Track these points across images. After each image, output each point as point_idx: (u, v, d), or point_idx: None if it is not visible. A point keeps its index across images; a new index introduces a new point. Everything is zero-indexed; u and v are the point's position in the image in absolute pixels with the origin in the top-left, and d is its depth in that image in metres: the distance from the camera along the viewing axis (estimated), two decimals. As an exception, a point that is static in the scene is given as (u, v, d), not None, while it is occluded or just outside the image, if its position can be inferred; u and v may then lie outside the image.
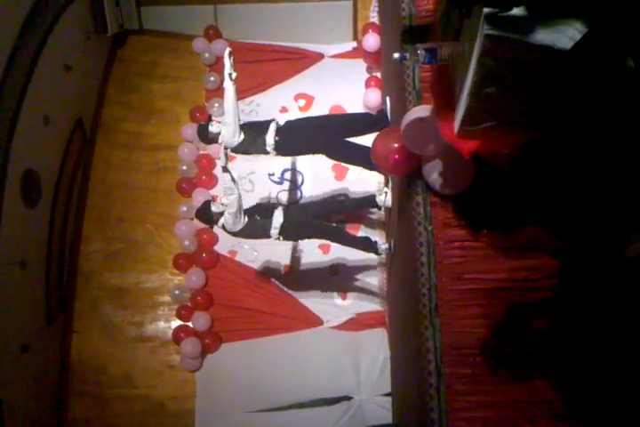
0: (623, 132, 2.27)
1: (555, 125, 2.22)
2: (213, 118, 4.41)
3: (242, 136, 4.20)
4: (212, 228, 4.61)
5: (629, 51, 1.81)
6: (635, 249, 2.59)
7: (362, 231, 5.33)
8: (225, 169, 4.01)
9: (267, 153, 4.30)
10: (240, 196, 4.08)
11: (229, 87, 4.01)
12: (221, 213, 4.21)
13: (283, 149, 4.30)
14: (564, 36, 1.68)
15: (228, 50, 3.97)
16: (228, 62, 3.94)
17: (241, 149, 4.30)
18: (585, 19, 1.65)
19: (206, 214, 4.31)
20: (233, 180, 4.02)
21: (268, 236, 4.32)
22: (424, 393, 2.92)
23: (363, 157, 4.07)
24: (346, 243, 4.66)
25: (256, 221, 4.27)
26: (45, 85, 4.92)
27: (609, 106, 2.08)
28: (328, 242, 4.96)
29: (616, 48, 1.78)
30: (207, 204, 4.35)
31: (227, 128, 4.15)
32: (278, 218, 4.29)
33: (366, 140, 4.17)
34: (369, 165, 4.21)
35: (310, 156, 4.66)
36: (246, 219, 4.21)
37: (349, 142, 4.47)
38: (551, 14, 1.67)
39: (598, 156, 2.62)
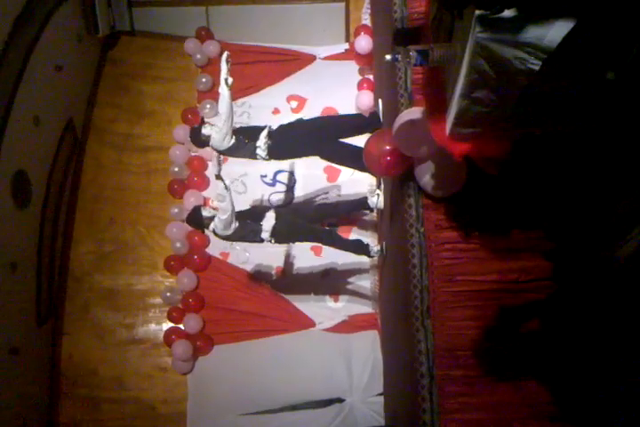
0: (611, 135, 2.29)
1: (545, 128, 2.23)
2: (206, 121, 4.40)
3: (232, 140, 4.20)
4: (202, 232, 4.61)
5: (610, 64, 1.83)
6: (625, 251, 2.59)
7: (354, 233, 5.33)
8: (218, 177, 4.01)
9: (255, 158, 4.31)
10: (232, 203, 4.08)
11: (225, 93, 4.00)
12: (212, 218, 4.20)
13: (276, 152, 4.30)
14: (555, 36, 1.68)
15: (225, 54, 3.96)
16: (224, 67, 3.93)
17: (229, 152, 4.32)
18: (574, 21, 1.66)
19: (197, 219, 4.31)
20: (226, 187, 4.01)
21: (259, 239, 4.32)
22: (416, 395, 2.92)
23: (355, 159, 4.07)
24: (338, 246, 4.66)
25: (247, 224, 4.26)
26: (36, 86, 4.88)
27: (598, 110, 2.10)
28: (320, 244, 4.96)
29: (602, 53, 1.79)
30: (197, 209, 4.34)
31: (218, 131, 4.15)
32: (270, 221, 4.28)
33: (358, 141, 4.17)
34: (361, 167, 4.22)
35: (304, 158, 4.66)
36: (237, 223, 4.21)
37: (342, 143, 4.47)
38: (542, 15, 1.68)
39: (588, 158, 2.63)
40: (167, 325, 5.47)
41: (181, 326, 5.39)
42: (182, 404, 5.24)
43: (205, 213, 4.24)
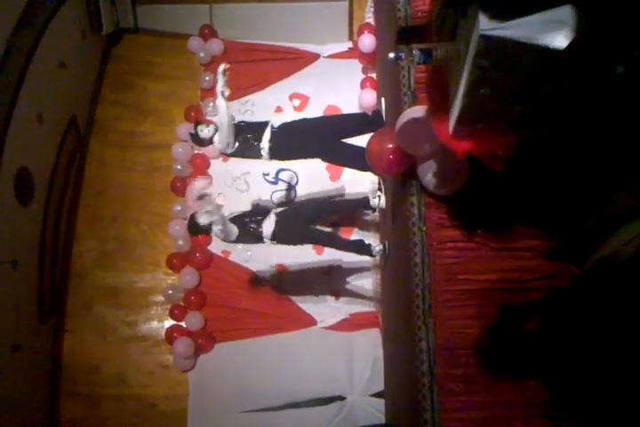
0: (614, 132, 2.28)
1: (548, 126, 2.23)
2: (199, 123, 4.44)
3: (236, 144, 4.26)
4: (207, 235, 4.67)
5: (620, 57, 1.82)
6: (626, 251, 2.59)
7: (356, 233, 5.33)
8: (201, 197, 4.16)
9: (261, 157, 4.33)
10: (223, 217, 4.13)
11: (222, 104, 4.06)
12: (210, 222, 4.22)
13: (277, 154, 4.34)
14: (559, 35, 1.68)
15: (222, 67, 4.00)
16: (221, 80, 3.97)
17: (237, 154, 4.36)
18: (580, 18, 1.65)
19: (195, 227, 4.35)
20: (212, 205, 4.06)
21: (261, 241, 4.38)
22: (417, 393, 2.92)
23: (357, 159, 4.08)
24: (339, 247, 4.68)
25: (248, 231, 4.32)
26: (40, 83, 4.89)
27: (601, 107, 2.09)
28: (321, 244, 4.98)
29: (609, 50, 1.78)
30: (192, 217, 4.37)
31: (220, 140, 4.21)
32: (269, 227, 4.31)
33: (361, 140, 4.17)
34: (363, 167, 4.23)
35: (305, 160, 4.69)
36: (238, 231, 4.26)
37: (344, 144, 4.48)
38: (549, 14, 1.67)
39: (591, 156, 2.62)
40: (169, 322, 5.48)
41: (183, 323, 5.40)
42: (184, 401, 5.24)
43: (201, 219, 4.25)
